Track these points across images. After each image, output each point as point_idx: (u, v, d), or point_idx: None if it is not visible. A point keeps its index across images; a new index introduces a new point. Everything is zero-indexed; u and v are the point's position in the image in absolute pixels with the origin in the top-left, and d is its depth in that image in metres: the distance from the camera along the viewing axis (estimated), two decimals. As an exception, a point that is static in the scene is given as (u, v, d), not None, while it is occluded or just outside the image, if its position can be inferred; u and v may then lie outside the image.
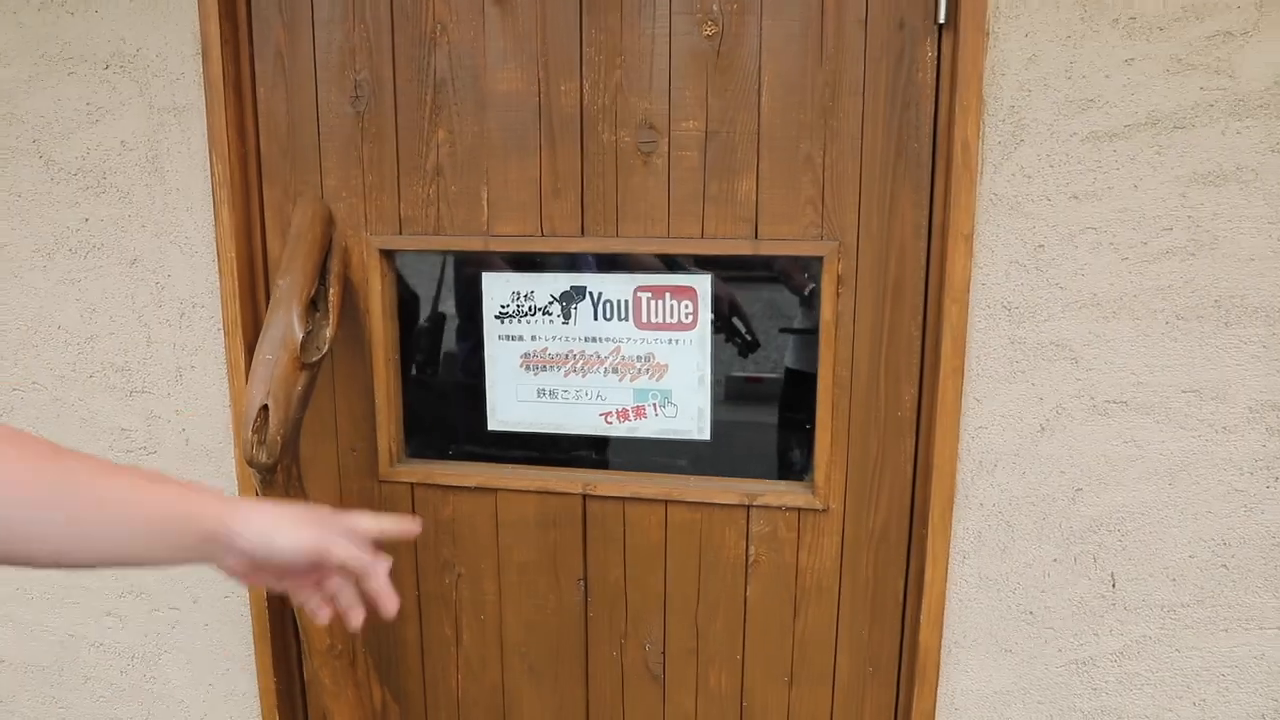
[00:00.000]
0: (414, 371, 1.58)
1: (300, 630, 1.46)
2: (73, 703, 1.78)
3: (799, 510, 1.42)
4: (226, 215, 1.46)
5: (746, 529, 1.44)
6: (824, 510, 1.41)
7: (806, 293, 1.48)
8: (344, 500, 1.57)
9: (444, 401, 1.59)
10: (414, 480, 1.53)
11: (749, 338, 1.49)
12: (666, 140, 1.35)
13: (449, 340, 1.60)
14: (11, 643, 1.78)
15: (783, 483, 1.45)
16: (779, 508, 1.42)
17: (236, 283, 1.48)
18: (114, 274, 1.56)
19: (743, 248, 1.35)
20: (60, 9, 1.48)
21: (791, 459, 1.48)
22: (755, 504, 1.43)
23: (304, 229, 1.43)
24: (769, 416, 1.52)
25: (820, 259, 1.34)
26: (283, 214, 1.50)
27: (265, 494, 1.37)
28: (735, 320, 1.49)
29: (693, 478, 1.46)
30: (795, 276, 1.45)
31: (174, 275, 1.54)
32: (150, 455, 1.62)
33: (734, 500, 1.43)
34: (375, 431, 1.52)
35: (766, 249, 1.35)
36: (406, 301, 1.57)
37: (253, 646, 1.62)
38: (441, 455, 1.56)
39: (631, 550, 1.49)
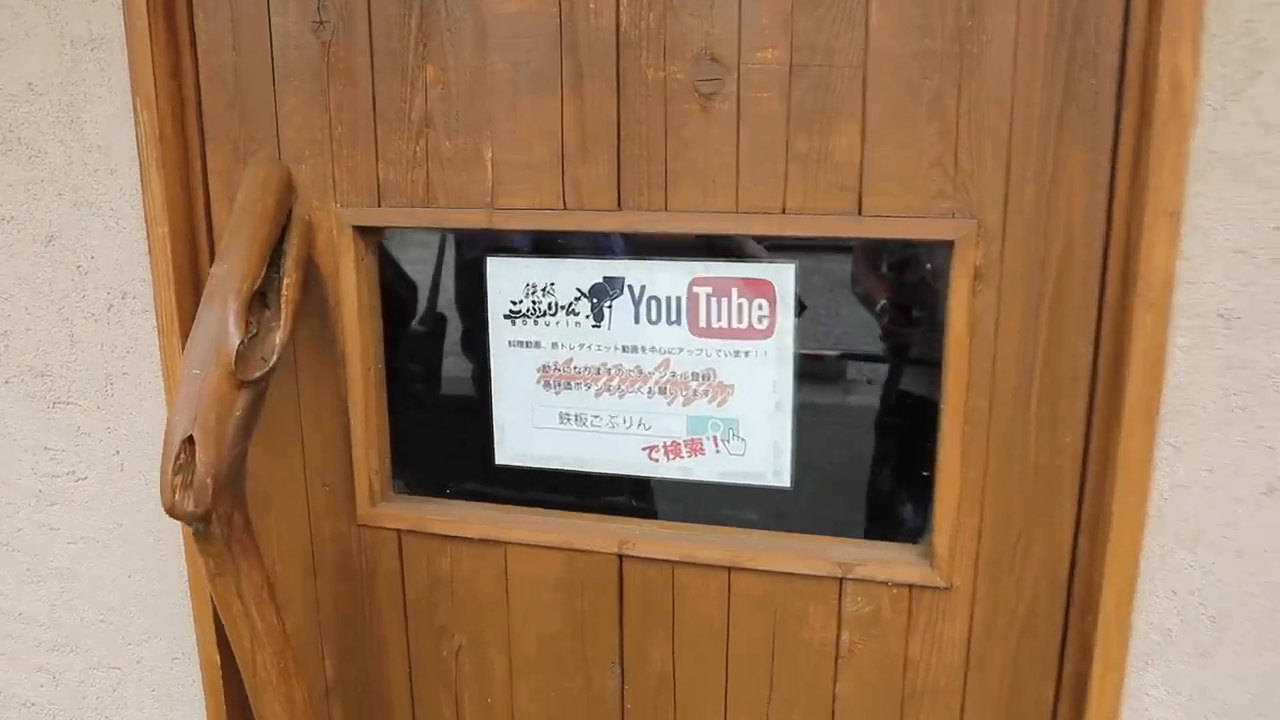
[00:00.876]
0: (404, 384, 1.33)
1: (256, 709, 1.24)
2: (4, 774, 1.61)
3: (911, 587, 1.14)
4: (156, 179, 1.23)
5: (839, 608, 1.17)
6: (946, 588, 1.13)
7: (915, 282, 1.18)
8: (316, 551, 1.34)
9: (441, 424, 1.35)
10: (401, 526, 1.29)
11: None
12: (735, 77, 1.06)
13: (450, 344, 1.35)
14: (-69, 700, 1.61)
15: (889, 546, 1.17)
16: (884, 582, 1.14)
17: (171, 267, 1.25)
18: (27, 254, 1.34)
19: (841, 226, 1.06)
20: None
21: (902, 514, 1.19)
22: (851, 575, 1.15)
23: (252, 199, 1.19)
24: (868, 450, 1.23)
25: (949, 244, 1.04)
26: (231, 179, 1.26)
27: (203, 549, 1.15)
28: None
29: (766, 536, 1.19)
30: (910, 270, 1.15)
31: (98, 256, 1.31)
32: (79, 482, 1.42)
33: (822, 570, 1.15)
34: (352, 462, 1.28)
35: (874, 228, 1.05)
36: (398, 293, 1.32)
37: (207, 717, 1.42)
38: (437, 492, 1.32)
39: (682, 628, 1.23)
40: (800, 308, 1.17)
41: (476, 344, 1.26)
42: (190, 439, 1.08)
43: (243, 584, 1.19)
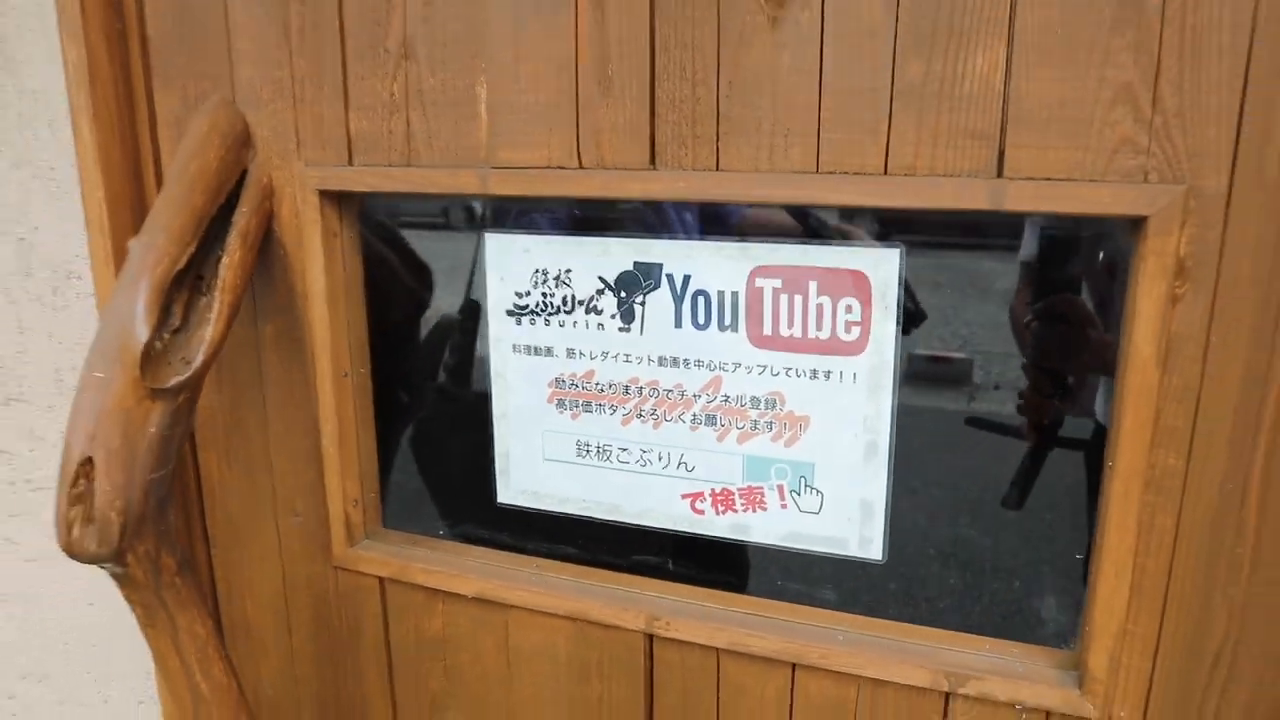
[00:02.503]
0: (406, 395, 1.07)
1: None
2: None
3: (1046, 715, 0.81)
4: (88, 130, 0.99)
5: (946, 735, 0.85)
6: (1107, 725, 0.79)
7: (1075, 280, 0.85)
8: (289, 595, 1.10)
9: (431, 447, 1.08)
10: (384, 574, 1.04)
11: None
12: (816, -23, 0.74)
13: (430, 339, 1.09)
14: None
15: (1019, 650, 0.84)
16: (1008, 705, 0.82)
17: (110, 240, 1.02)
18: (-30, 222, 1.14)
19: (973, 196, 0.73)
20: None
21: (1038, 609, 0.86)
22: (962, 690, 0.83)
23: (191, 153, 0.94)
24: (995, 515, 0.90)
25: (1138, 223, 0.70)
26: (180, 132, 1.01)
27: (128, 593, 0.93)
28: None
29: (846, 624, 0.88)
30: (1074, 256, 0.81)
31: (41, 229, 1.10)
32: (36, 491, 1.22)
33: (922, 679, 0.84)
34: (324, 491, 1.03)
35: (1020, 197, 0.72)
36: (400, 278, 1.06)
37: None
38: (430, 532, 1.05)
39: (732, 737, 0.93)
40: (915, 316, 0.85)
41: (467, 341, 0.99)
42: (88, 462, 0.85)
43: (180, 638, 0.97)
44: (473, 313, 1.02)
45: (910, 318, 0.90)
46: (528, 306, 0.93)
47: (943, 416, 0.87)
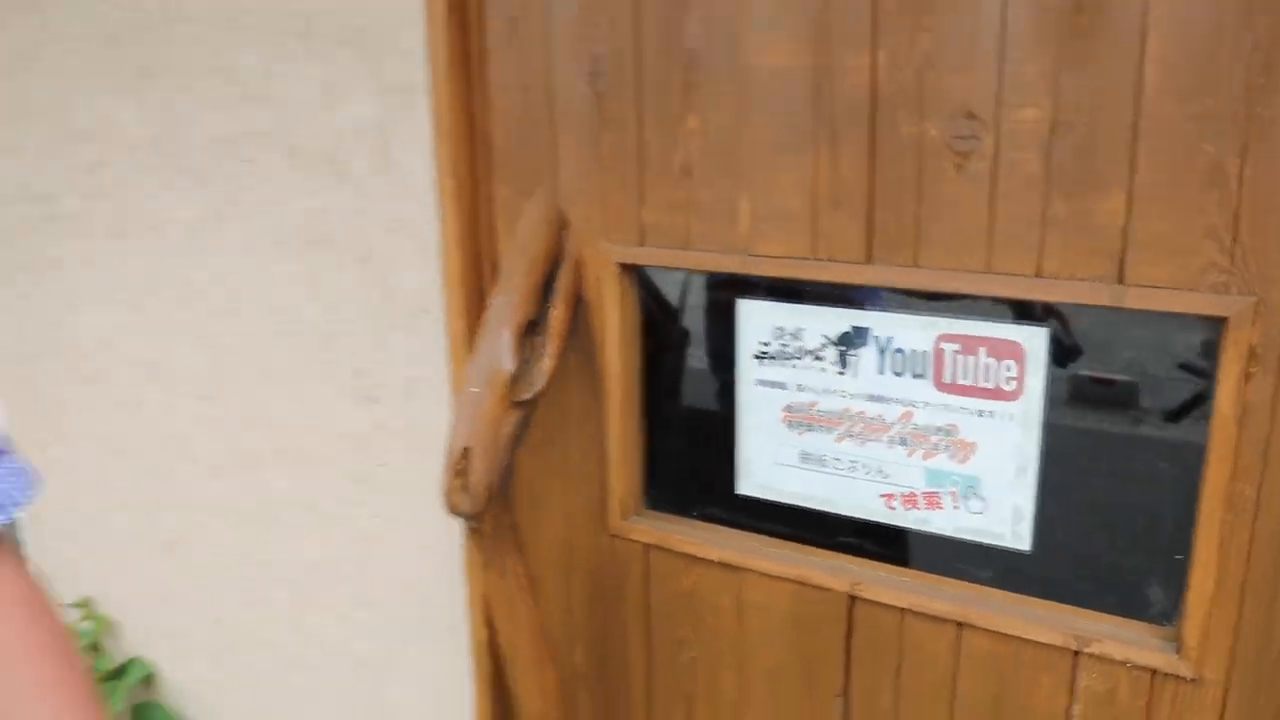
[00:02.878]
0: (659, 409, 1.45)
1: (511, 684, 1.43)
2: (311, 698, 1.94)
3: (1153, 672, 1.12)
4: (451, 213, 1.42)
5: (1071, 682, 1.17)
6: (1193, 680, 1.09)
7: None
8: (571, 554, 1.51)
9: (689, 449, 1.46)
10: (648, 540, 1.43)
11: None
12: (993, 136, 1.07)
13: (698, 373, 1.45)
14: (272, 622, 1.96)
15: (1131, 624, 1.15)
16: (1122, 662, 1.13)
17: (461, 293, 1.44)
18: (351, 269, 1.59)
19: (1098, 295, 1.05)
20: (297, -22, 1.49)
21: (1147, 594, 1.16)
22: (1086, 650, 1.14)
23: (529, 236, 1.35)
24: (1117, 521, 1.20)
25: (1221, 322, 1.00)
26: (514, 213, 1.42)
27: (475, 544, 1.34)
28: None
29: (1000, 596, 1.20)
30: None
31: (405, 277, 1.54)
32: (382, 468, 1.67)
33: (1055, 639, 1.15)
34: (607, 479, 1.43)
35: (1135, 300, 1.03)
36: (658, 320, 1.44)
37: (472, 686, 1.63)
38: (683, 513, 1.44)
39: (908, 675, 1.27)
40: (1071, 353, 1.16)
41: (720, 374, 1.35)
42: (467, 450, 1.27)
43: (507, 575, 1.37)
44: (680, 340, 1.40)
45: (1068, 353, 1.22)
46: (768, 353, 1.29)
47: (1090, 436, 1.19)
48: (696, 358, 1.46)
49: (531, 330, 1.33)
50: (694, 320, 1.45)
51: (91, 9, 1.80)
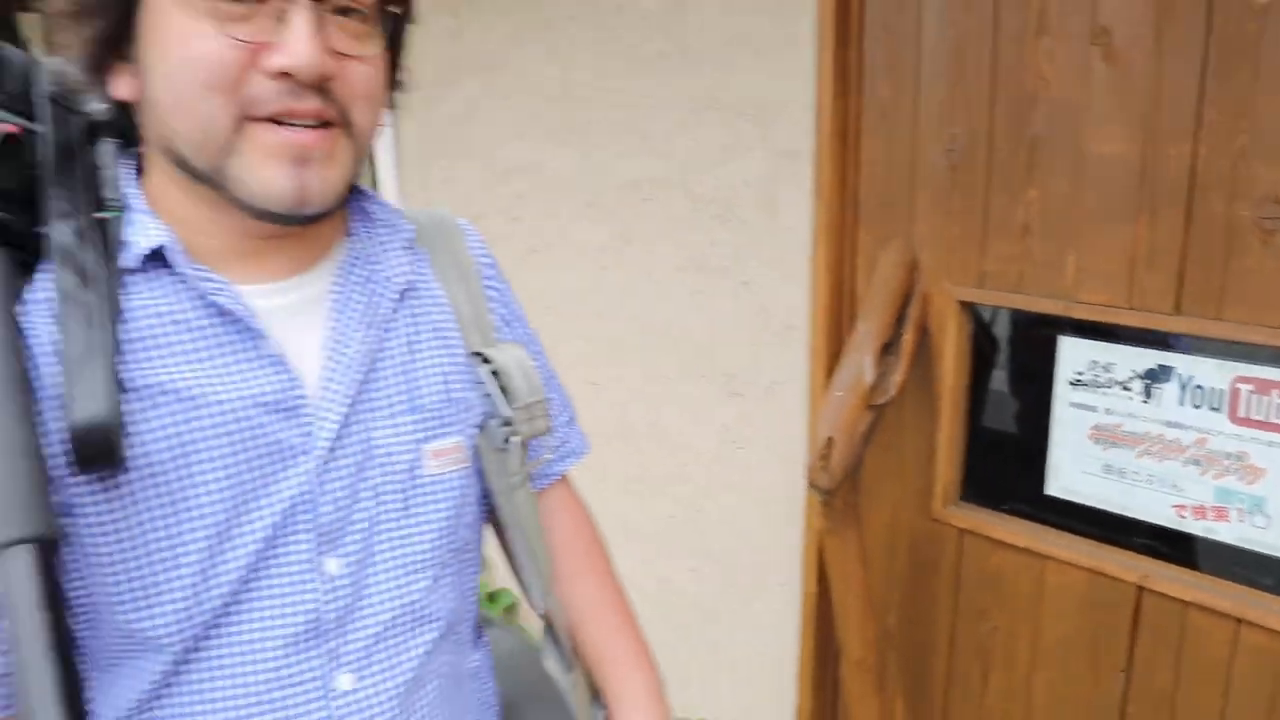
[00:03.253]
0: (977, 420, 1.78)
1: (838, 637, 1.81)
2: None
3: None
4: (822, 254, 1.82)
5: (1339, 676, 1.39)
6: None
7: None
8: (895, 532, 1.87)
9: (1002, 455, 1.78)
10: (963, 526, 1.76)
11: None
12: (1296, 219, 1.33)
13: (1013, 393, 1.77)
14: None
15: (1402, 634, 1.36)
16: (1388, 664, 1.35)
17: (825, 316, 1.84)
18: (731, 292, 2.04)
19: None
20: (706, 64, 1.95)
21: None
22: (1356, 651, 1.37)
23: (888, 275, 1.73)
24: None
25: None
26: (872, 257, 1.81)
27: (824, 514, 1.73)
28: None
29: (1276, 601, 1.44)
30: None
31: (778, 300, 1.96)
32: (740, 450, 2.10)
33: (1327, 639, 1.39)
34: (933, 473, 1.78)
35: None
36: (983, 345, 1.78)
37: (799, 634, 2.03)
38: (993, 507, 1.76)
39: (1187, 660, 1.54)
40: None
41: (1033, 396, 1.66)
42: (830, 439, 1.66)
43: (846, 542, 1.76)
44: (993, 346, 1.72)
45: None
46: (1082, 381, 1.59)
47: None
48: (1013, 380, 1.78)
49: (886, 351, 1.71)
50: (1015, 350, 1.77)
51: (535, 74, 2.36)
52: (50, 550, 0.63)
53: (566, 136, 2.34)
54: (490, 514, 0.97)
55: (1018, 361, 1.78)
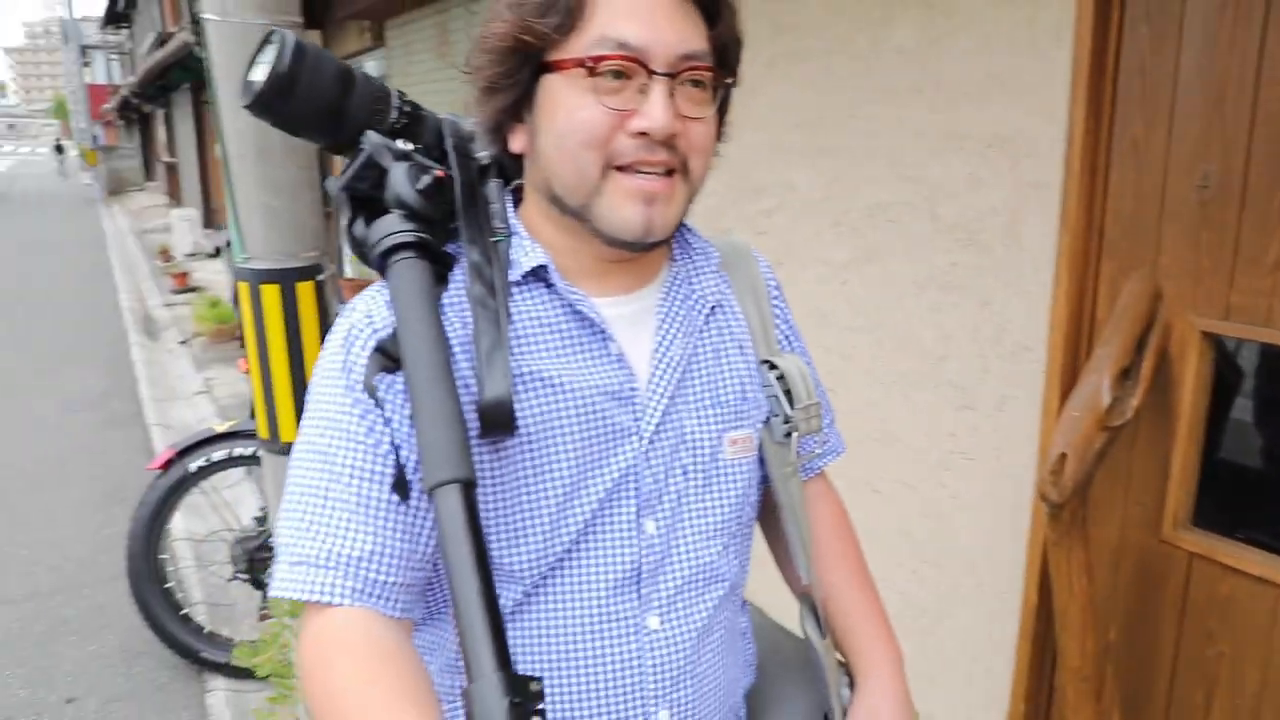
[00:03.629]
0: (1215, 448, 1.84)
1: (1058, 646, 1.90)
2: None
3: None
4: (1064, 280, 1.92)
5: None
6: None
7: None
8: (1122, 550, 1.94)
9: (1241, 484, 1.82)
10: (1194, 550, 1.82)
11: None
12: None
13: (1253, 423, 1.81)
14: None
15: None
16: None
17: (1063, 339, 1.94)
18: (968, 310, 2.16)
19: None
20: (961, 98, 2.08)
21: None
22: None
23: (1130, 303, 1.81)
24: None
25: None
26: (1114, 286, 1.89)
27: (1051, 526, 1.83)
28: None
29: None
30: None
31: (1014, 320, 2.07)
32: (968, 460, 2.22)
33: None
34: (1165, 494, 1.85)
35: None
36: (1224, 374, 1.83)
37: (1015, 642, 2.13)
38: (1227, 534, 1.80)
39: None
40: None
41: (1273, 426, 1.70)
42: (1064, 455, 1.77)
43: (1072, 555, 1.85)
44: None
45: None
46: (1328, 417, 1.63)
47: None
48: (1257, 411, 1.82)
49: (1124, 375, 1.79)
50: (1260, 382, 1.81)
51: (790, 101, 2.56)
52: (470, 490, 0.79)
53: (816, 160, 2.52)
54: (765, 497, 1.14)
55: (1263, 393, 1.82)
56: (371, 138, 0.94)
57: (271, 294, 2.62)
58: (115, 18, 29.34)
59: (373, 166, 0.93)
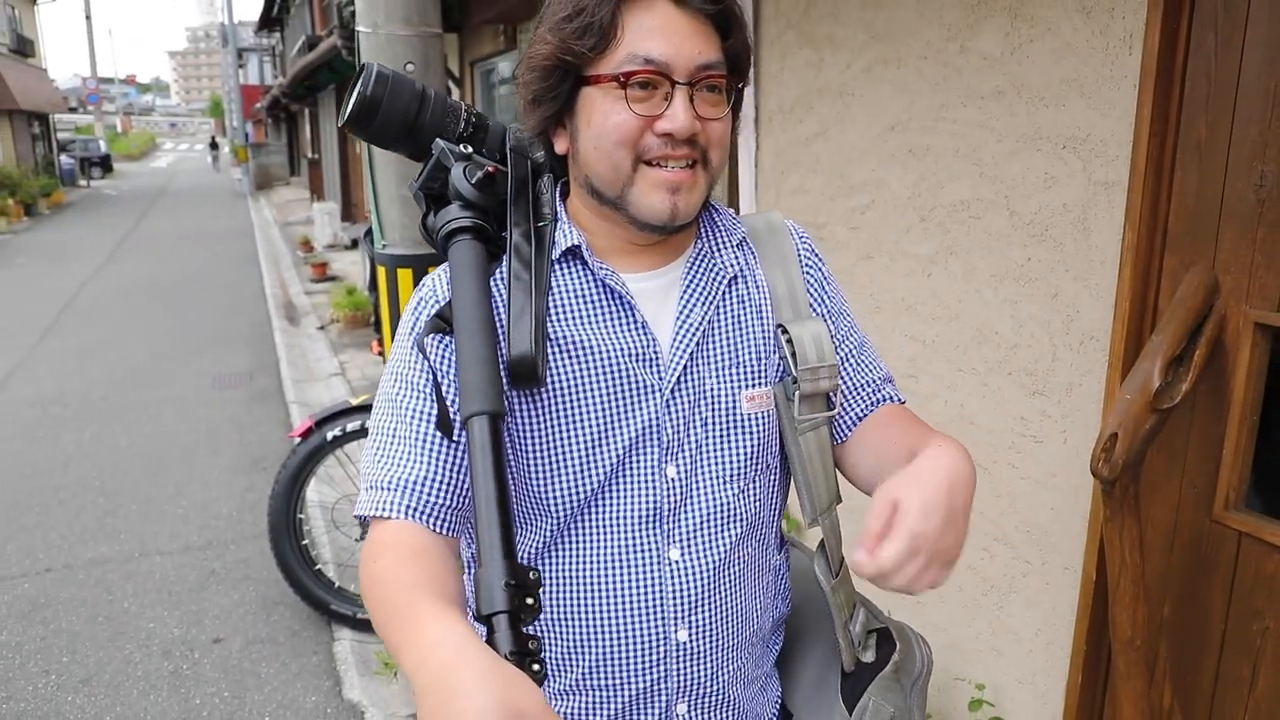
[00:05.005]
0: (1267, 433, 1.94)
1: (1110, 616, 2.03)
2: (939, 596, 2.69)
3: None
4: (1128, 273, 2.05)
5: None
6: None
7: None
8: (1175, 528, 2.06)
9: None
10: (1243, 529, 1.93)
11: None
12: None
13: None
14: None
15: None
16: None
17: (1126, 328, 2.07)
18: (1040, 302, 2.30)
19: None
20: (1039, 101, 2.22)
21: None
22: None
23: (1187, 295, 1.93)
24: None
25: None
26: (1176, 279, 2.01)
27: (1105, 502, 1.97)
28: None
29: None
30: None
31: (1081, 312, 2.20)
32: (1036, 443, 2.36)
33: None
34: (1217, 477, 1.96)
35: None
36: (1277, 367, 1.93)
37: (1075, 615, 2.26)
38: (1275, 514, 1.91)
39: None
40: None
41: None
42: (1114, 435, 1.90)
43: (1124, 530, 1.98)
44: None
45: None
46: (1370, 404, 1.72)
47: None
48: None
49: (1177, 362, 1.92)
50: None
51: (884, 103, 2.73)
52: (498, 421, 0.94)
53: (906, 159, 2.69)
54: (783, 448, 1.23)
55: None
56: (439, 144, 1.12)
57: (406, 277, 2.94)
58: (269, 22, 31.13)
59: (441, 169, 1.11)
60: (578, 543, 1.11)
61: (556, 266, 1.12)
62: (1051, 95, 2.21)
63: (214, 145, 48.24)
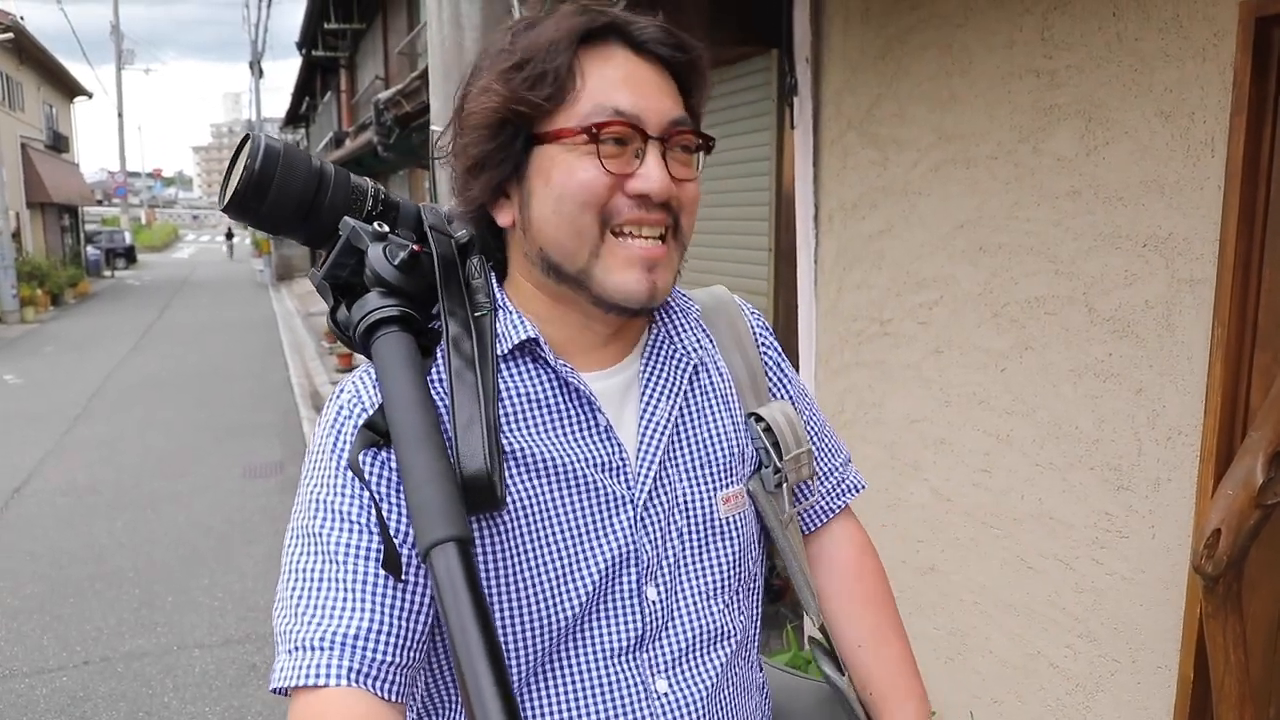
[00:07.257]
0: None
1: (1214, 716, 2.00)
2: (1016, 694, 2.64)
3: None
4: (1219, 369, 2.08)
5: None
6: None
7: None
8: (1279, 628, 2.04)
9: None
10: (1350, 628, 1.91)
11: None
12: None
13: None
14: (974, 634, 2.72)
15: None
16: None
17: (1218, 422, 2.09)
18: (1123, 397, 2.32)
19: None
20: (1117, 201, 2.28)
21: None
22: None
23: (1283, 391, 1.95)
24: None
25: None
26: (1268, 374, 2.04)
27: (1207, 599, 1.96)
28: None
29: None
30: None
31: (1168, 406, 2.22)
32: (1122, 538, 2.35)
33: None
34: (1319, 574, 1.95)
35: None
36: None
37: (1171, 716, 2.22)
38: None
39: None
40: None
41: None
42: (1217, 531, 1.90)
43: (1227, 627, 1.96)
44: None
45: None
46: None
47: None
48: None
49: (1277, 457, 1.93)
50: None
51: (953, 202, 2.81)
52: (467, 548, 0.76)
53: (977, 256, 2.74)
54: (769, 546, 1.14)
55: None
56: (348, 222, 0.94)
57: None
58: (295, 119, 32.06)
59: (351, 251, 0.93)
60: (552, 683, 0.95)
61: (504, 364, 0.96)
62: (1130, 195, 2.27)
63: (229, 235, 49.44)
